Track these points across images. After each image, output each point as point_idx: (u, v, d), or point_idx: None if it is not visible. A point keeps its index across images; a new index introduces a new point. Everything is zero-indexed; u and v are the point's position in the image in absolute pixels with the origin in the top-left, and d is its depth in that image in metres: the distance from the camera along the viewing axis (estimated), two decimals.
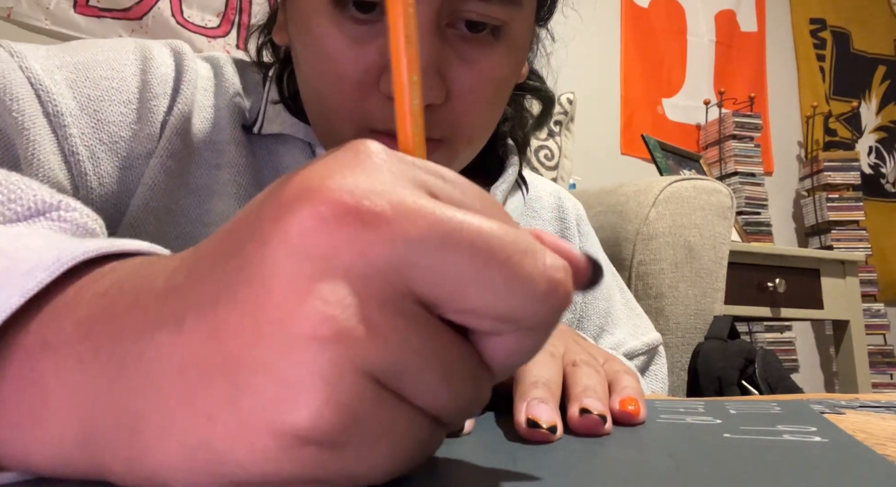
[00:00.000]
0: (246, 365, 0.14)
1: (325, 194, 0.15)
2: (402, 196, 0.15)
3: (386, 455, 0.15)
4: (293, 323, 0.14)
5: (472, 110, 0.44)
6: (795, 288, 1.78)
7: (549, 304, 0.16)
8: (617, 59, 2.57)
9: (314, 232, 0.14)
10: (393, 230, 0.14)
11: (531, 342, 0.17)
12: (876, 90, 3.11)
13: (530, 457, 0.21)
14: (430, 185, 0.16)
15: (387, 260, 0.14)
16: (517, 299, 0.15)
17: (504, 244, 0.15)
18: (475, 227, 0.15)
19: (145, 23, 1.68)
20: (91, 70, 0.45)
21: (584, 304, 0.64)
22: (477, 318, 0.16)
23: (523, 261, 0.15)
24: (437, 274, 0.15)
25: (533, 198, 0.65)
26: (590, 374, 0.29)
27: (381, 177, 0.15)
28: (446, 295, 0.15)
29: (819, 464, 0.20)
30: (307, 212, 0.14)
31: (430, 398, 0.15)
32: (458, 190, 0.17)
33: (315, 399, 0.14)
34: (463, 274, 0.15)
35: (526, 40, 0.46)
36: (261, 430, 0.14)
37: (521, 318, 0.16)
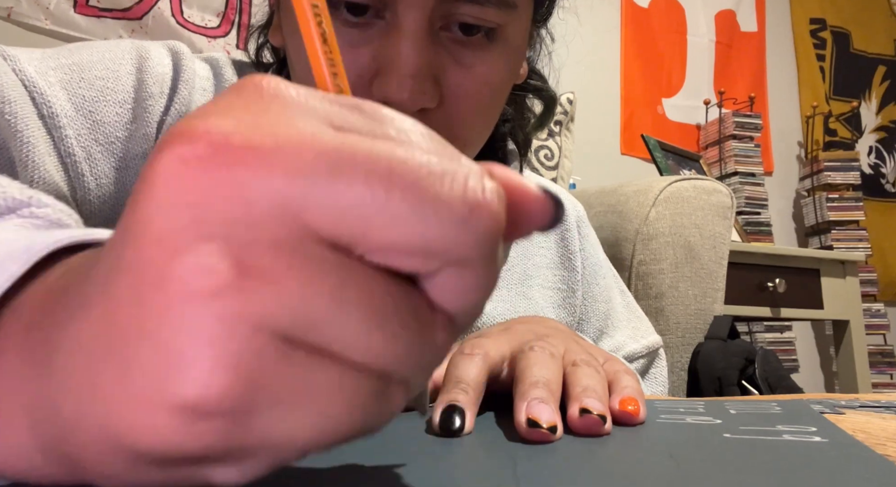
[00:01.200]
0: (132, 336, 0.13)
1: (189, 134, 0.13)
2: (286, 126, 0.13)
3: (312, 419, 0.14)
4: (169, 282, 0.13)
5: (468, 114, 0.43)
6: (795, 288, 1.78)
7: (471, 230, 0.14)
8: (617, 59, 2.57)
9: (180, 177, 0.13)
10: (271, 163, 0.13)
11: (472, 277, 0.14)
12: (876, 90, 3.11)
13: (530, 457, 0.21)
14: (336, 118, 0.14)
15: (269, 197, 0.13)
16: (431, 227, 0.13)
17: (410, 167, 0.13)
18: (373, 151, 0.13)
19: (145, 23, 1.68)
20: (86, 71, 0.45)
21: (583, 307, 0.64)
22: (398, 256, 0.14)
23: (434, 183, 0.13)
24: (334, 209, 0.13)
25: None
26: (590, 374, 0.29)
27: (266, 110, 0.14)
28: (351, 232, 0.13)
29: (819, 464, 0.20)
30: (171, 157, 0.13)
31: (360, 348, 0.14)
32: (376, 122, 0.15)
33: (202, 364, 0.12)
34: (363, 205, 0.13)
35: (522, 42, 0.46)
36: (154, 406, 0.13)
37: (444, 249, 0.14)
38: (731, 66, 2.78)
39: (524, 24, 0.45)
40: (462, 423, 0.26)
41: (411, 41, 0.39)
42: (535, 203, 0.16)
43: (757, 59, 2.85)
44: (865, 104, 3.06)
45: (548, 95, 0.59)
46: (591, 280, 0.65)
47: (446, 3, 0.39)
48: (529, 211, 0.16)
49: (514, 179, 0.16)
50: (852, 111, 2.99)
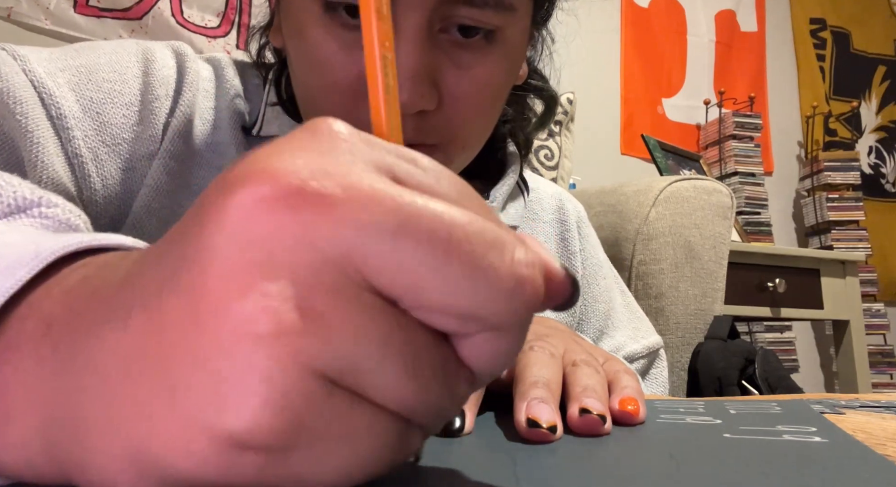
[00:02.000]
0: (184, 360, 0.13)
1: (268, 174, 0.13)
2: (357, 178, 0.14)
3: (343, 459, 0.14)
4: (230, 317, 0.13)
5: (467, 116, 0.43)
6: (795, 288, 1.78)
7: (515, 302, 0.14)
8: (617, 59, 2.57)
9: (254, 215, 0.13)
10: (342, 214, 0.13)
11: (505, 343, 0.15)
12: (876, 90, 3.11)
13: (530, 457, 0.21)
14: (397, 170, 0.15)
15: (335, 246, 0.13)
16: (480, 295, 0.14)
17: (468, 234, 0.14)
18: (437, 215, 0.14)
19: (145, 23, 1.68)
20: (94, 73, 0.45)
21: (584, 307, 0.64)
22: (440, 316, 0.14)
23: (488, 254, 0.14)
24: (392, 264, 0.13)
25: (534, 200, 0.65)
26: (590, 374, 0.29)
27: (337, 157, 0.14)
28: (404, 288, 0.14)
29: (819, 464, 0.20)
30: (246, 194, 0.13)
31: (394, 395, 0.14)
32: (431, 177, 0.15)
33: (253, 399, 0.13)
34: (421, 266, 0.14)
35: (521, 44, 0.46)
36: (197, 433, 0.13)
37: (486, 317, 0.14)
38: (731, 66, 2.78)
39: (523, 25, 0.45)
40: (462, 423, 0.26)
41: (410, 44, 0.39)
42: (560, 284, 0.16)
43: (757, 59, 2.85)
44: (865, 104, 3.06)
45: (548, 95, 0.59)
46: (591, 280, 0.65)
47: (445, 5, 0.39)
48: (552, 287, 0.16)
49: (544, 255, 0.16)
50: (852, 111, 2.99)
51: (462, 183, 0.16)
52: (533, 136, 0.62)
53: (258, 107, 0.51)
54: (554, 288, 0.16)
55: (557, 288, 0.16)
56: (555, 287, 0.16)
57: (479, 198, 0.16)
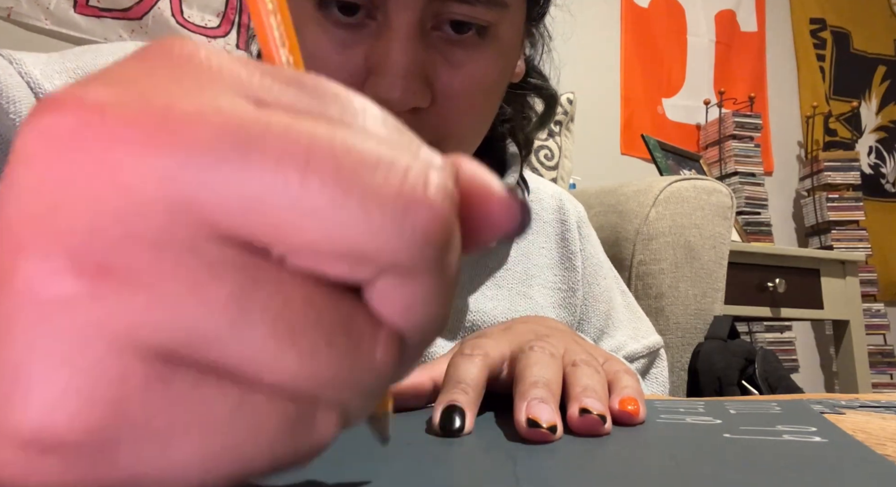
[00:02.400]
0: None
1: (60, 103, 0.11)
2: (184, 98, 0.11)
3: (198, 453, 0.11)
4: (13, 287, 0.10)
5: (460, 113, 0.44)
6: (795, 288, 1.78)
7: (407, 230, 0.11)
8: (617, 59, 2.57)
9: (42, 154, 0.10)
10: (158, 142, 0.10)
11: (417, 288, 0.12)
12: (876, 90, 3.11)
13: (530, 457, 0.21)
14: (264, 93, 0.12)
15: (153, 183, 0.10)
16: (356, 225, 0.11)
17: (335, 150, 0.11)
18: (291, 130, 0.11)
19: (145, 23, 1.68)
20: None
21: (584, 306, 0.64)
22: (320, 259, 0.11)
23: (363, 173, 0.11)
24: (236, 200, 0.10)
25: (534, 200, 0.65)
26: (590, 374, 0.29)
27: (170, 78, 0.11)
28: (263, 229, 0.11)
29: (819, 464, 0.20)
30: (32, 130, 0.11)
31: (268, 367, 0.11)
32: (317, 100, 0.12)
33: (48, 389, 0.10)
34: (274, 196, 0.11)
35: (515, 41, 0.46)
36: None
37: (374, 253, 0.11)
38: (731, 66, 2.78)
39: (517, 22, 0.46)
40: (462, 423, 0.26)
41: (402, 41, 0.39)
42: (500, 205, 0.13)
43: (757, 59, 2.85)
44: (865, 104, 3.06)
45: (548, 94, 0.59)
46: (591, 280, 0.65)
47: (436, 2, 0.40)
48: (492, 214, 0.13)
49: (478, 177, 0.13)
50: (852, 111, 2.99)
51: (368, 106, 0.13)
52: (533, 136, 0.62)
53: None
54: (493, 211, 0.13)
55: (498, 212, 0.13)
56: (494, 210, 0.13)
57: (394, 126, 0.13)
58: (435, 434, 0.25)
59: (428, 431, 0.26)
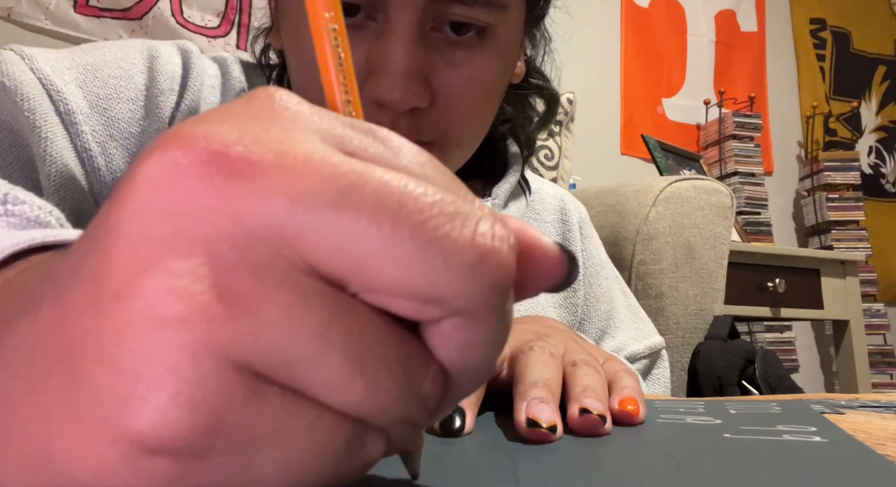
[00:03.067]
0: (86, 352, 0.12)
1: (185, 139, 0.12)
2: (293, 145, 0.12)
3: (276, 465, 0.12)
4: (131, 300, 0.11)
5: (460, 113, 0.44)
6: (795, 288, 1.78)
7: (478, 278, 0.12)
8: (617, 59, 2.57)
9: (165, 184, 0.11)
10: (271, 182, 0.12)
11: (476, 331, 0.13)
12: (876, 90, 3.11)
13: (530, 457, 0.21)
14: (347, 141, 0.13)
15: (263, 219, 0.11)
16: (435, 271, 0.12)
17: (421, 204, 0.12)
18: (384, 183, 0.12)
19: (145, 23, 1.68)
20: (99, 70, 0.46)
21: (585, 307, 0.64)
22: (395, 299, 0.12)
23: (443, 225, 0.12)
24: (332, 240, 0.12)
25: (536, 200, 0.65)
26: (590, 374, 0.29)
27: (274, 123, 0.13)
28: (348, 268, 0.12)
29: (819, 464, 0.20)
30: (158, 161, 0.12)
31: (339, 392, 0.12)
32: (388, 149, 0.14)
33: (158, 396, 0.11)
34: (365, 240, 0.12)
35: (515, 42, 0.47)
36: (97, 434, 0.11)
37: (446, 297, 0.12)
38: (731, 66, 2.78)
39: (516, 24, 0.46)
40: (462, 423, 0.26)
41: (402, 42, 0.40)
42: (550, 259, 0.15)
43: (757, 59, 2.85)
44: (865, 104, 3.06)
45: (549, 94, 0.59)
46: (592, 280, 0.65)
47: (436, 3, 0.40)
48: (543, 266, 0.15)
49: (528, 232, 0.15)
50: (852, 111, 2.99)
51: (430, 158, 0.14)
52: (535, 136, 0.62)
53: None
54: (544, 264, 0.15)
55: (548, 264, 0.15)
56: (545, 263, 0.15)
57: (447, 173, 0.14)
58: (435, 434, 0.25)
59: (428, 431, 0.26)
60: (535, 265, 0.15)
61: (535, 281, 0.15)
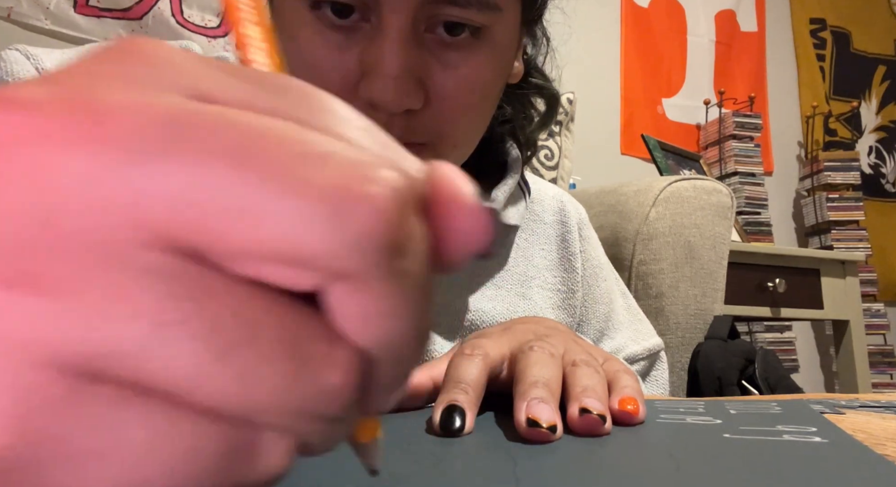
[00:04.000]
0: None
1: None
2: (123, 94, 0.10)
3: (124, 478, 0.10)
4: None
5: (455, 114, 0.44)
6: (795, 288, 1.78)
7: (345, 228, 0.10)
8: (617, 59, 2.57)
9: None
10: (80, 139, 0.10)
11: (373, 298, 0.11)
12: (876, 90, 3.11)
13: (530, 457, 0.21)
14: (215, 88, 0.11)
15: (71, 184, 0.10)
16: (291, 224, 0.10)
17: (272, 144, 0.10)
18: (224, 122, 0.10)
19: (145, 23, 1.68)
20: None
21: (584, 308, 0.64)
22: (264, 264, 0.10)
23: (300, 167, 0.10)
24: (163, 200, 0.10)
25: (535, 201, 0.65)
26: (589, 374, 0.29)
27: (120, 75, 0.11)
28: (199, 230, 0.10)
29: (819, 464, 0.20)
30: None
31: (200, 388, 0.10)
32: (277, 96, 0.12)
33: None
34: (205, 195, 0.10)
35: (510, 43, 0.47)
36: None
37: (315, 254, 0.10)
38: (731, 66, 2.78)
39: (511, 24, 0.46)
40: (462, 423, 0.26)
41: (395, 43, 0.39)
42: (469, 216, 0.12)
43: (757, 59, 2.85)
44: (865, 104, 3.06)
45: (550, 94, 0.59)
46: (591, 281, 0.65)
47: (429, 5, 0.40)
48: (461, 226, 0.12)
49: (451, 185, 0.12)
50: (852, 111, 2.99)
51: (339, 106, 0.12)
52: (536, 135, 0.62)
53: None
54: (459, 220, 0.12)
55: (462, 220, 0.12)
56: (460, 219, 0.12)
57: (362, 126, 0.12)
58: (435, 434, 0.25)
59: (428, 431, 0.26)
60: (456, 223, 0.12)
61: (457, 242, 0.12)
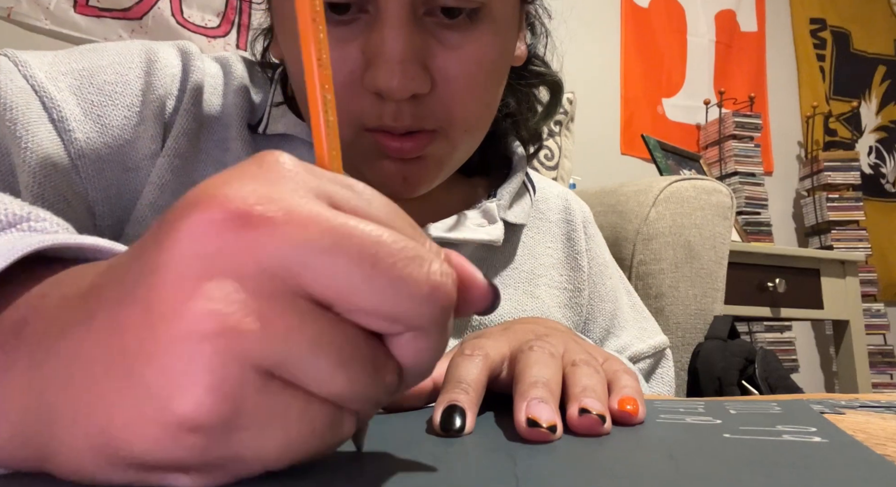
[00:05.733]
0: (139, 358, 0.15)
1: (218, 199, 0.16)
2: (297, 203, 0.16)
3: (278, 439, 0.16)
4: (179, 319, 0.15)
5: (462, 96, 0.43)
6: (795, 288, 1.78)
7: (431, 306, 0.17)
8: (617, 59, 2.57)
9: (204, 234, 0.16)
10: (282, 233, 0.16)
11: (427, 341, 0.18)
12: (876, 90, 3.11)
13: (530, 457, 0.21)
14: (334, 196, 0.18)
15: (276, 261, 0.16)
16: (401, 301, 0.17)
17: (391, 250, 0.17)
18: (365, 234, 0.17)
19: (145, 23, 1.68)
20: (95, 75, 0.45)
21: (590, 306, 0.63)
22: (368, 317, 0.17)
23: (407, 267, 0.17)
24: (326, 276, 0.16)
25: (540, 200, 0.65)
26: (589, 374, 0.29)
27: (280, 185, 0.17)
28: (336, 296, 0.16)
29: (819, 464, 0.20)
30: (199, 216, 0.16)
31: (326, 384, 0.16)
32: (364, 201, 0.18)
33: (197, 388, 0.15)
34: (351, 276, 0.16)
35: (511, 19, 0.46)
36: (150, 418, 0.15)
37: (407, 318, 0.17)
38: (731, 66, 2.78)
39: (510, 1, 0.45)
40: (462, 423, 0.26)
41: (395, 29, 0.39)
42: (480, 291, 0.20)
43: (757, 59, 2.85)
44: (865, 104, 3.06)
45: (552, 81, 0.59)
46: (597, 280, 0.65)
47: None
48: (474, 296, 0.20)
49: (466, 268, 0.20)
50: (852, 111, 2.99)
51: (391, 205, 0.19)
52: (541, 127, 0.62)
53: (265, 105, 0.51)
54: (474, 294, 0.20)
55: (477, 295, 0.20)
56: (475, 294, 0.20)
57: (405, 218, 0.19)
58: (435, 434, 0.25)
59: (428, 431, 0.26)
60: (469, 294, 0.20)
61: (469, 305, 0.20)
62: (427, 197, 0.50)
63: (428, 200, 0.52)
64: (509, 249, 0.59)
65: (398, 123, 0.42)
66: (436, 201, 0.55)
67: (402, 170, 0.45)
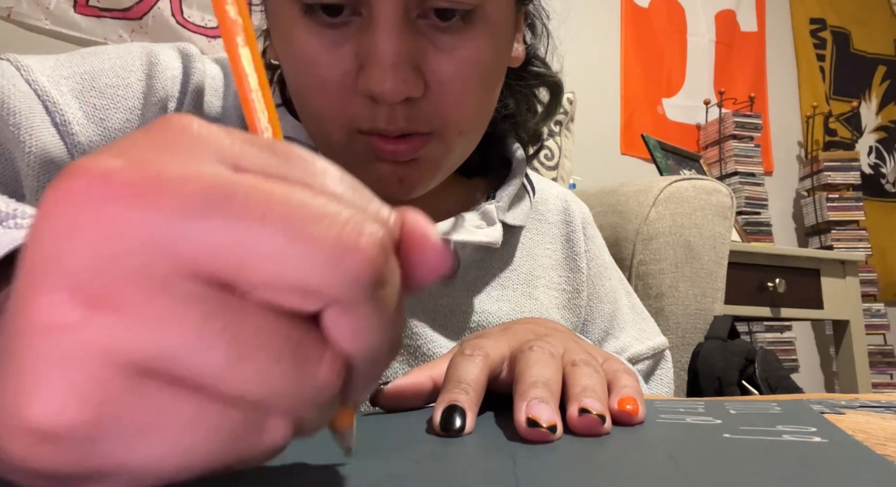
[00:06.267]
0: (5, 357, 0.14)
1: (80, 170, 0.14)
2: (175, 165, 0.14)
3: (168, 447, 0.14)
4: (28, 312, 0.13)
5: (456, 99, 0.43)
6: (795, 288, 1.78)
7: (342, 270, 0.14)
8: (617, 59, 2.57)
9: (57, 212, 0.13)
10: (146, 200, 0.13)
11: (358, 317, 0.15)
12: (876, 90, 3.11)
13: (530, 457, 0.21)
14: (242, 158, 0.15)
15: (140, 234, 0.13)
16: (302, 266, 0.14)
17: (287, 206, 0.14)
18: (251, 190, 0.14)
19: (145, 23, 1.68)
20: (97, 79, 0.46)
21: (589, 307, 0.63)
22: (276, 293, 0.14)
23: (308, 224, 0.14)
24: (207, 246, 0.13)
25: (539, 201, 0.65)
26: (589, 374, 0.29)
27: (172, 149, 0.14)
28: (230, 268, 0.14)
29: (819, 464, 0.20)
30: (52, 193, 0.14)
31: (225, 381, 0.14)
32: (281, 162, 0.15)
33: (48, 392, 0.13)
34: (238, 243, 0.13)
35: (505, 21, 0.46)
36: (9, 425, 0.13)
37: (318, 289, 0.14)
38: (731, 66, 2.78)
39: (505, 2, 0.45)
40: (463, 423, 0.26)
41: (387, 32, 0.39)
42: (431, 253, 0.17)
43: (757, 59, 2.85)
44: (865, 104, 3.07)
45: (552, 81, 0.58)
46: (596, 281, 0.65)
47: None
48: (425, 258, 0.17)
49: (417, 229, 0.16)
50: (852, 111, 2.99)
51: (335, 169, 0.16)
52: (541, 128, 0.61)
53: None
54: (425, 256, 0.16)
55: (428, 256, 0.16)
56: (426, 255, 0.16)
57: (348, 183, 0.16)
58: (435, 434, 0.25)
59: (428, 431, 0.26)
60: (420, 257, 0.16)
61: (421, 268, 0.17)
62: (425, 198, 0.50)
63: (426, 202, 0.52)
64: (508, 251, 0.59)
65: (392, 126, 0.42)
66: (434, 203, 0.55)
67: (397, 172, 0.45)
